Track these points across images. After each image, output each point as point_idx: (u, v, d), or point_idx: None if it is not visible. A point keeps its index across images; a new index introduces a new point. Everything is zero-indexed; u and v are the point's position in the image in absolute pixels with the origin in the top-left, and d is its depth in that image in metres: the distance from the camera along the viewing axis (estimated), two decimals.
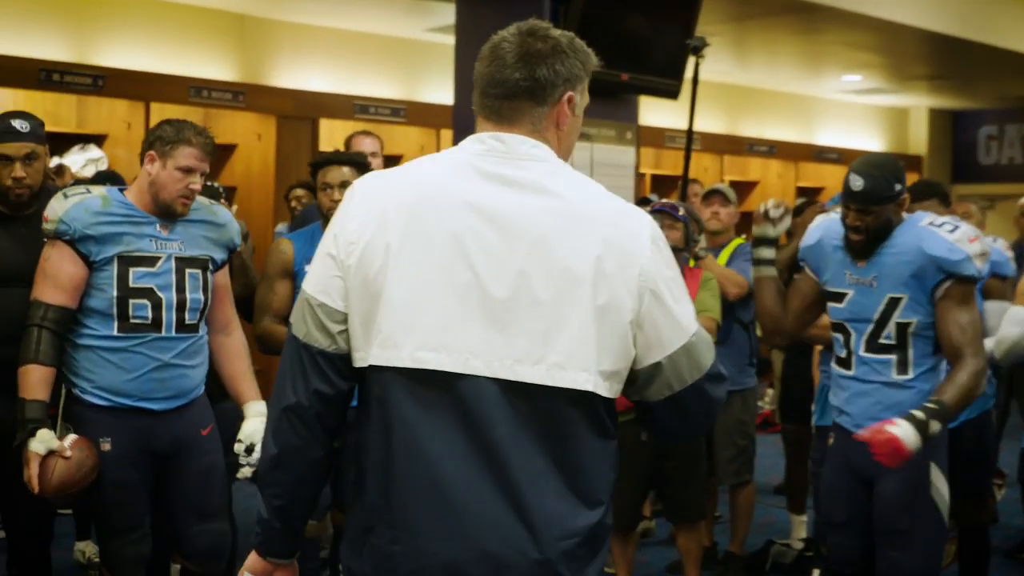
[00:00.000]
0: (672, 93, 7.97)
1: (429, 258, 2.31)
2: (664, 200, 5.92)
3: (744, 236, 6.71)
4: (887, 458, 3.87)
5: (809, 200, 7.58)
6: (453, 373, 2.29)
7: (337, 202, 4.31)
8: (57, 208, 4.10)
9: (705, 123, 13.86)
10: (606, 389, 2.33)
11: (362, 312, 2.35)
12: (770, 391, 11.14)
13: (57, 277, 4.07)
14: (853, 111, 16.53)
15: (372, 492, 2.36)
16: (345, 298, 2.37)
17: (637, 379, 2.40)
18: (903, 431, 3.85)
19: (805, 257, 4.50)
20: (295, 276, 4.89)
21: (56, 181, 7.37)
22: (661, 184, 13.20)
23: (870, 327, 4.23)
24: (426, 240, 2.31)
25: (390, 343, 2.31)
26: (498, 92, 2.41)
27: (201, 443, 4.28)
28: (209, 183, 5.60)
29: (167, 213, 4.18)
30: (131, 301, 4.08)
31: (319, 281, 2.41)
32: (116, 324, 4.07)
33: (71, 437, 3.98)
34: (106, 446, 4.08)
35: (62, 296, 4.06)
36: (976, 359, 4.06)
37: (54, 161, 9.10)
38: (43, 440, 3.93)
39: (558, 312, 2.29)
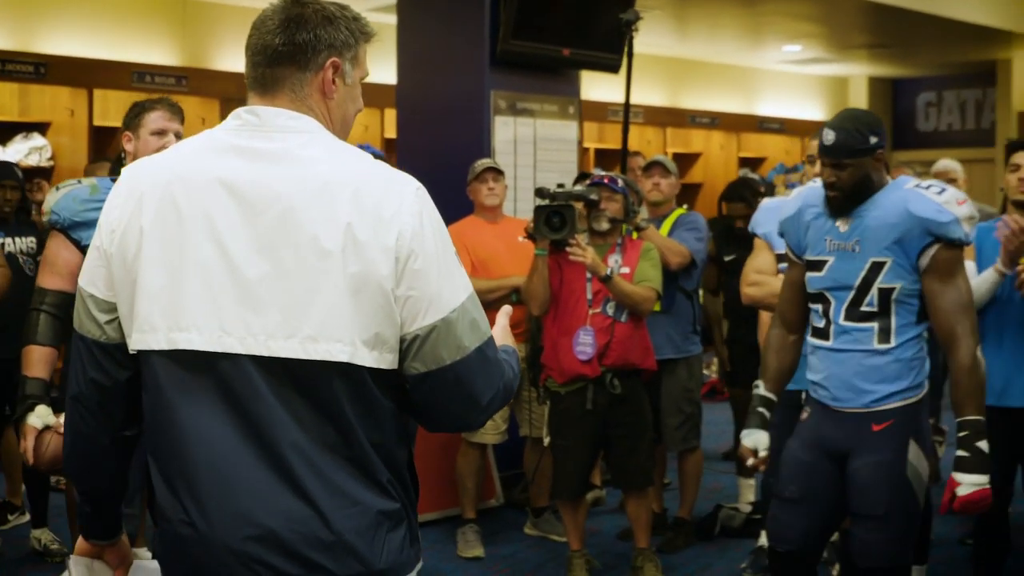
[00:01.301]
0: (613, 67, 8.06)
1: (179, 238, 2.26)
2: (603, 172, 6.01)
3: (685, 206, 6.81)
4: (981, 506, 3.96)
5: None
6: (211, 353, 2.24)
7: None
8: (50, 200, 4.34)
9: (647, 96, 13.96)
10: (373, 359, 2.24)
11: (125, 298, 2.32)
12: (716, 360, 11.29)
13: (55, 264, 4.28)
14: (794, 81, 16.68)
15: (156, 478, 2.32)
16: (111, 287, 2.35)
17: (400, 350, 2.29)
18: (968, 483, 3.93)
19: (785, 231, 4.34)
20: None
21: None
22: (605, 158, 13.29)
23: (851, 294, 4.07)
24: (176, 220, 2.26)
25: (147, 326, 2.27)
26: (261, 60, 2.34)
27: None
28: None
29: None
30: None
31: (87, 271, 2.40)
32: None
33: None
34: None
35: (59, 281, 4.24)
36: (968, 343, 3.98)
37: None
38: (40, 415, 4.04)
39: (308, 283, 2.22)
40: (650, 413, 5.84)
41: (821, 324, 4.17)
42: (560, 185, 5.71)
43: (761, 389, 4.38)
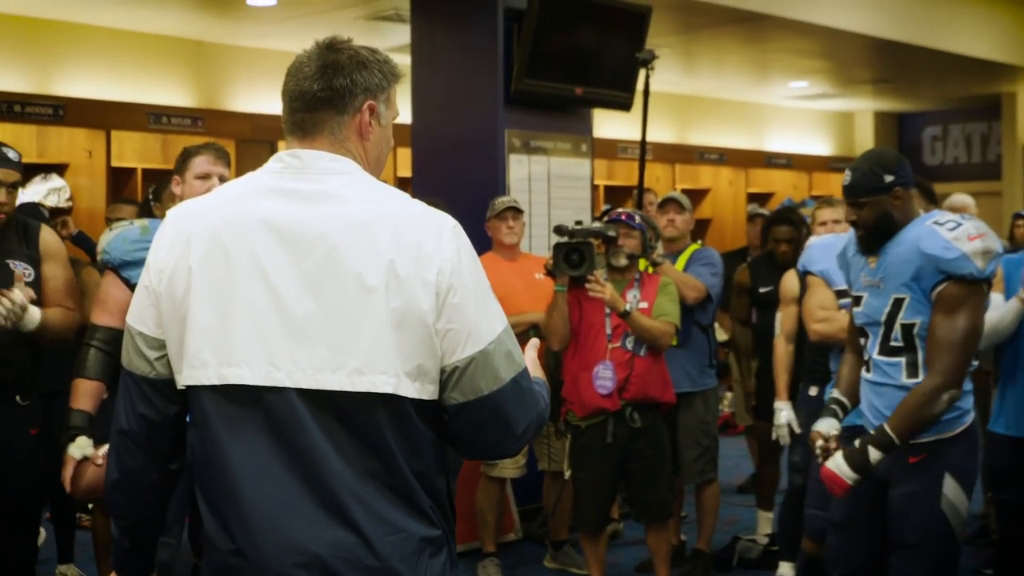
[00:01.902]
0: (625, 105, 8.17)
1: (228, 277, 2.34)
2: (620, 209, 6.11)
3: (700, 242, 6.89)
4: (833, 490, 4.05)
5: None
6: (259, 387, 2.32)
7: None
8: (103, 240, 4.47)
9: (656, 133, 14.05)
10: (414, 390, 2.32)
11: (175, 336, 2.39)
12: (729, 394, 11.32)
13: (105, 302, 4.41)
14: (801, 116, 16.79)
15: (204, 510, 2.40)
16: (160, 325, 2.42)
17: (440, 381, 2.38)
18: (835, 464, 4.01)
19: (840, 267, 4.56)
20: None
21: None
22: (614, 194, 13.37)
23: (881, 329, 4.17)
24: (224, 260, 2.35)
25: (197, 362, 2.35)
26: (299, 105, 2.43)
27: None
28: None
29: None
30: None
31: (136, 310, 2.47)
32: None
33: (106, 447, 4.18)
34: None
35: (109, 318, 4.37)
36: (934, 378, 3.99)
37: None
38: (80, 446, 4.20)
39: (353, 319, 2.30)
40: (669, 446, 5.91)
41: (865, 356, 4.28)
42: (578, 222, 5.82)
43: (834, 392, 4.48)
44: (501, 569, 6.46)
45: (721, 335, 7.85)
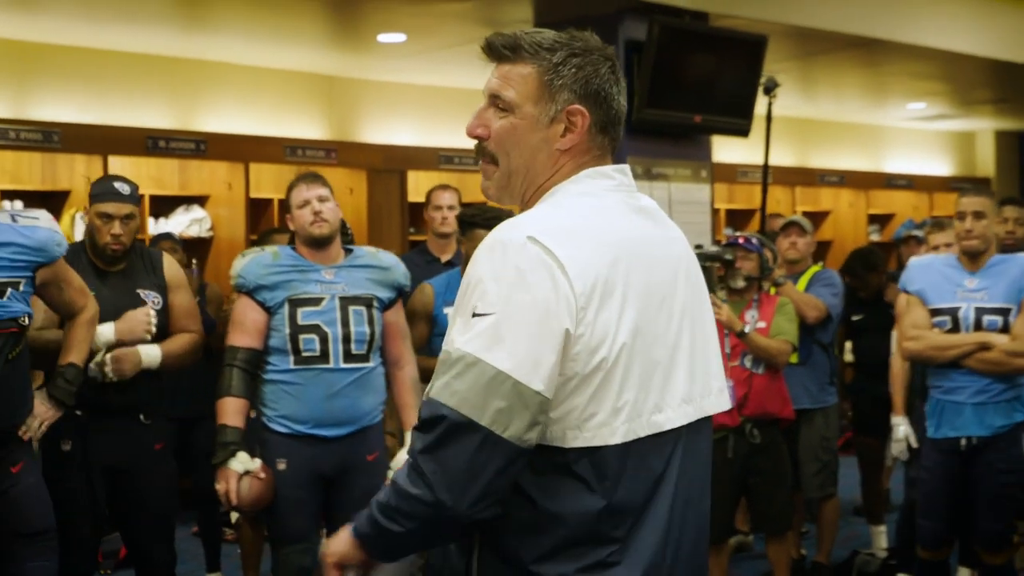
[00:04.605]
0: (743, 131, 8.40)
1: (646, 317, 2.17)
2: (738, 233, 6.34)
3: (821, 263, 7.10)
4: None
5: None
6: (676, 428, 2.22)
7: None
8: (236, 265, 4.79)
9: (776, 156, 14.13)
10: None
11: (589, 388, 2.13)
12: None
13: (243, 323, 4.73)
14: (920, 137, 16.76)
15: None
16: (554, 379, 2.09)
17: None
18: None
19: None
20: (433, 320, 5.47)
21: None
22: (736, 218, 13.53)
23: None
24: (643, 299, 2.17)
25: (634, 414, 2.15)
26: (619, 125, 2.33)
27: (366, 467, 4.78)
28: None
29: (316, 244, 4.77)
30: (301, 336, 4.67)
31: (537, 364, 2.07)
32: (291, 359, 4.68)
33: (258, 461, 4.55)
34: (281, 466, 4.68)
35: (248, 339, 4.71)
36: None
37: (158, 226, 9.67)
38: (242, 461, 4.58)
39: (711, 339, 2.32)
40: (788, 460, 6.11)
41: None
42: (698, 246, 6.06)
43: None
44: None
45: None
